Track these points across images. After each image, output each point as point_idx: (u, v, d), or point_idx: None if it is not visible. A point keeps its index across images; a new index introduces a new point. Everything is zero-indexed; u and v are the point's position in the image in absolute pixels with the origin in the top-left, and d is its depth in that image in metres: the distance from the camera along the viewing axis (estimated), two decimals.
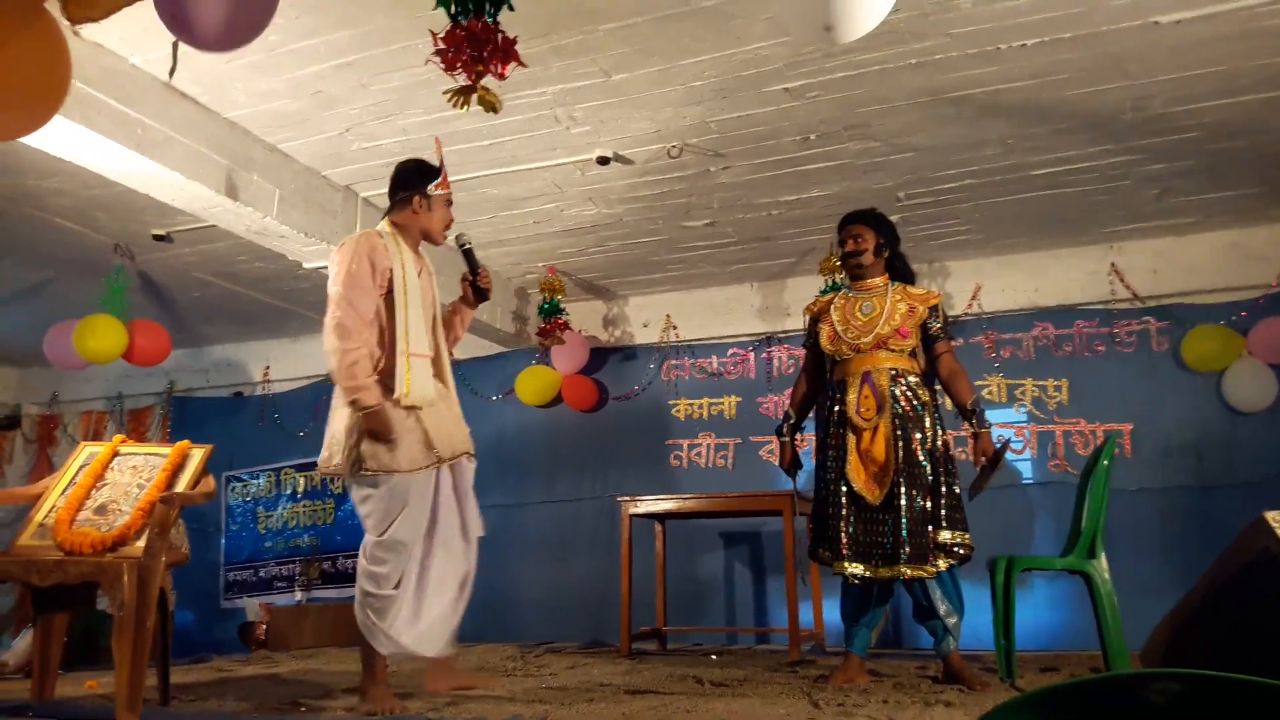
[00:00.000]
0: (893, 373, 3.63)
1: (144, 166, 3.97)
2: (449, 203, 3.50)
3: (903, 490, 3.48)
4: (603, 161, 4.63)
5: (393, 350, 3.20)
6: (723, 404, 6.45)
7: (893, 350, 3.65)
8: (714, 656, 4.94)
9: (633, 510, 5.17)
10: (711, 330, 6.59)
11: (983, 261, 6.01)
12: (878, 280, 3.79)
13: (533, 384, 6.49)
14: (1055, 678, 3.82)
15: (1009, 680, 3.54)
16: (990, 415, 5.75)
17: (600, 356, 6.74)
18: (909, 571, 3.43)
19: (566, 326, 6.24)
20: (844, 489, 3.58)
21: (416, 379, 3.19)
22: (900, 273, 3.84)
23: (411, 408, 3.19)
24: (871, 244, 3.76)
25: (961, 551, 3.52)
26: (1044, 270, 5.90)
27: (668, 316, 6.67)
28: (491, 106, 2.90)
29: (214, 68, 3.85)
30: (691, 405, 6.52)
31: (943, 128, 4.35)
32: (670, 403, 6.58)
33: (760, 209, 5.28)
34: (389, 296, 3.22)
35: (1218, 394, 5.41)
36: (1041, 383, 5.78)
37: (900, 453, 3.53)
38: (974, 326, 5.95)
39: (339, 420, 3.20)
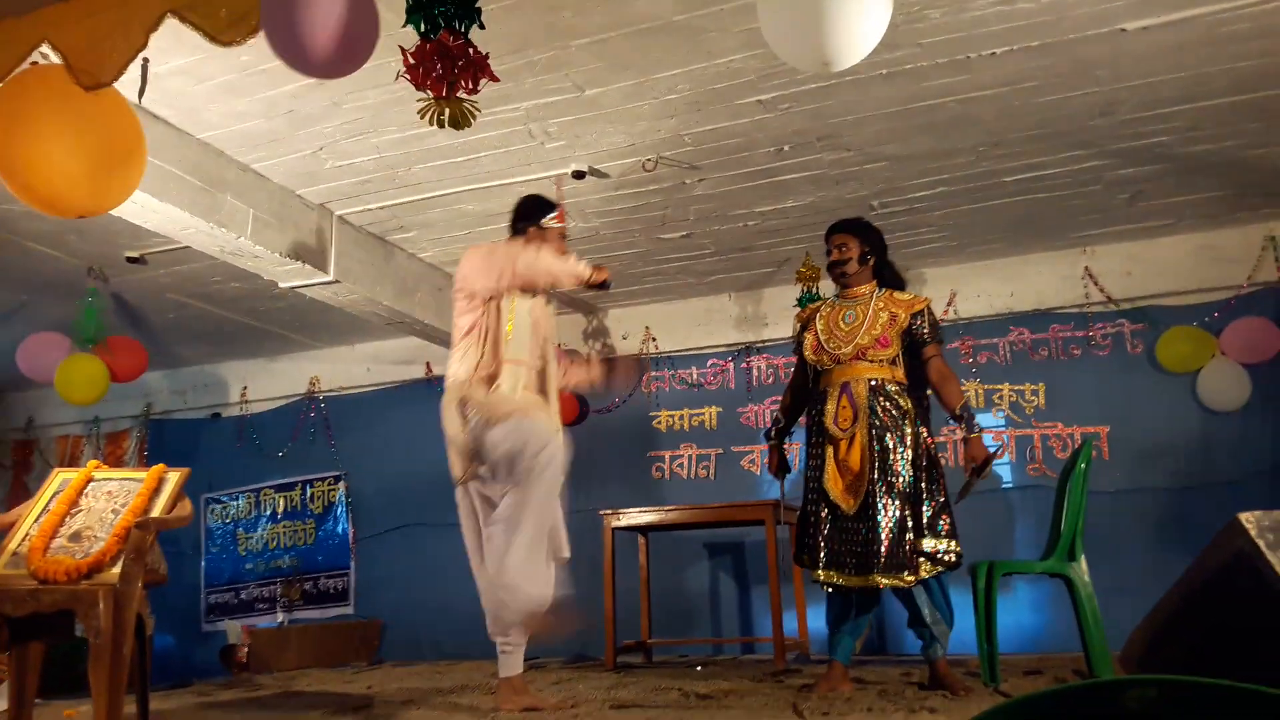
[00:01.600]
0: (872, 383, 3.64)
1: None
2: (563, 236, 3.75)
3: (879, 500, 3.49)
4: (578, 175, 4.63)
5: (496, 356, 3.48)
6: (704, 415, 6.46)
7: (872, 361, 3.66)
8: (699, 668, 4.94)
9: (615, 523, 5.16)
10: (691, 341, 6.60)
11: (958, 268, 6.05)
12: (864, 288, 3.80)
13: None
14: (1039, 681, 3.84)
15: (993, 685, 3.55)
16: None
17: None
18: (884, 581, 3.44)
19: None
20: (823, 498, 3.60)
21: (506, 381, 3.47)
22: (890, 280, 3.86)
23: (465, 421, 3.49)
24: (856, 252, 3.79)
25: (949, 559, 3.53)
26: (1019, 275, 5.94)
27: (647, 328, 6.68)
28: (461, 121, 2.87)
29: (186, 89, 3.84)
30: (672, 416, 6.52)
31: (915, 137, 4.38)
32: (651, 414, 6.59)
33: (736, 220, 5.29)
34: (498, 307, 3.50)
35: (1193, 394, 5.46)
36: (1019, 387, 5.82)
37: (876, 462, 3.54)
38: (950, 332, 5.98)
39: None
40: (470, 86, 2.80)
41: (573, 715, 3.20)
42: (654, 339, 6.64)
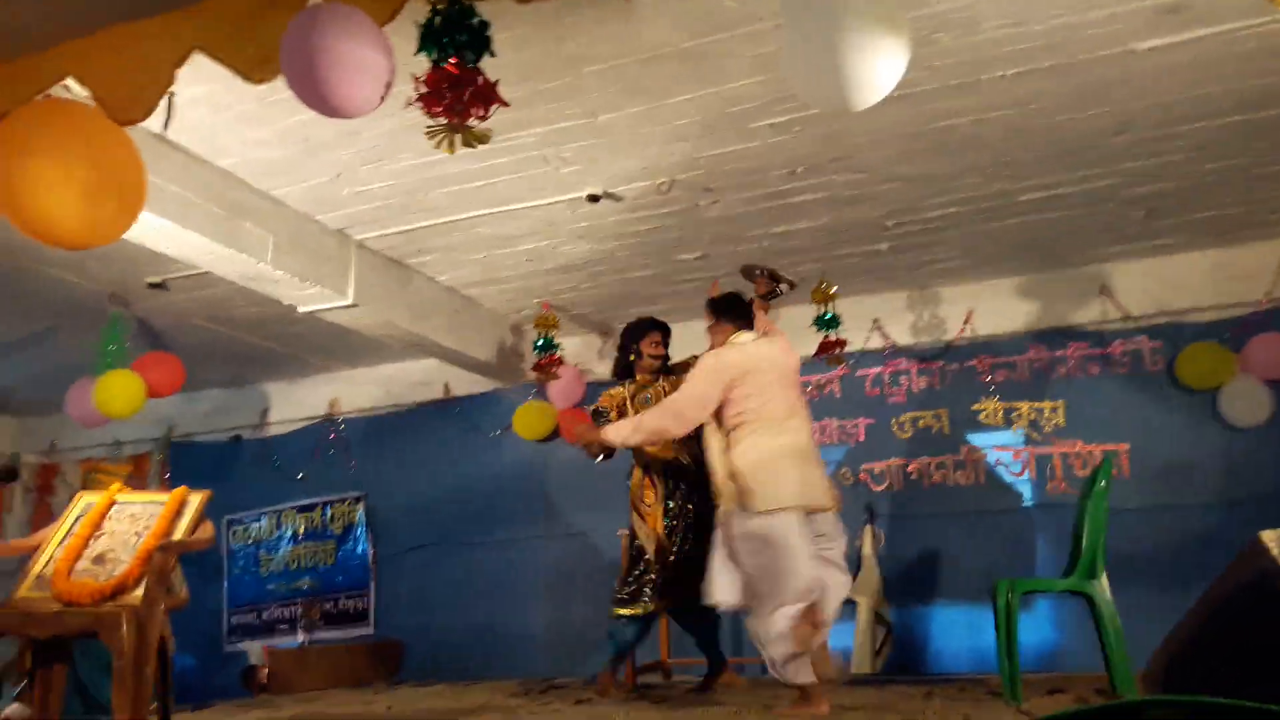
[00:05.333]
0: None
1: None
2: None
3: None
4: (593, 199, 4.67)
5: None
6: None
7: None
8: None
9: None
10: None
11: (974, 286, 6.03)
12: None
13: (529, 420, 6.50)
14: (1061, 700, 3.81)
15: (1015, 704, 3.53)
16: (987, 438, 5.82)
17: (596, 390, 6.72)
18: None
19: (561, 362, 6.25)
20: None
21: None
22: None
23: None
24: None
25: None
26: (1035, 293, 5.92)
27: None
28: (476, 141, 2.91)
29: (204, 118, 3.90)
30: None
31: (927, 158, 4.40)
32: None
33: (750, 241, 5.31)
34: None
35: (1214, 411, 5.42)
36: (1038, 405, 5.78)
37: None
38: (968, 350, 5.97)
39: None
40: (481, 114, 2.84)
41: None
42: (668, 359, 6.62)
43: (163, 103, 3.21)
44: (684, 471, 4.54)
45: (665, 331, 4.90)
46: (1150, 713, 1.26)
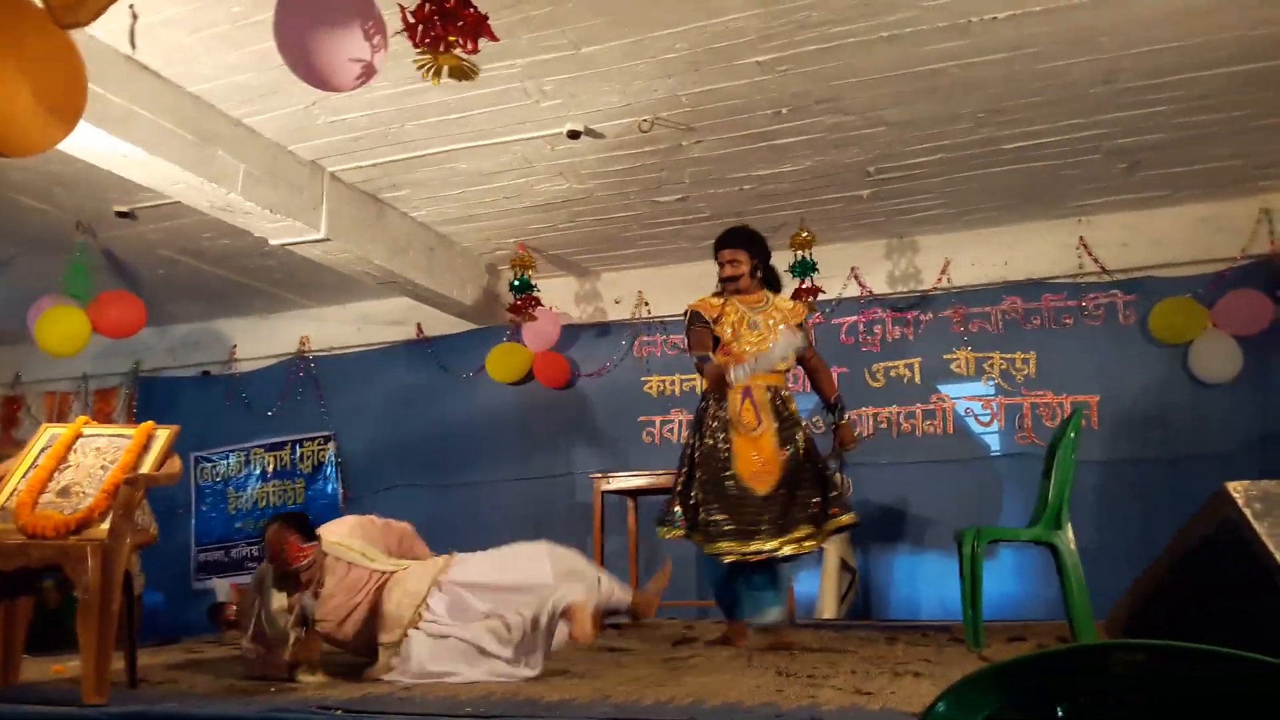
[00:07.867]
0: (769, 390, 4.01)
1: (105, 142, 3.89)
2: None
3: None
4: (573, 135, 4.58)
5: None
6: (695, 380, 6.43)
7: (769, 371, 3.98)
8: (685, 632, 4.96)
9: (605, 487, 5.17)
10: (684, 306, 6.55)
11: (952, 235, 6.02)
12: (755, 296, 4.18)
13: (504, 362, 6.45)
14: (1022, 647, 3.87)
15: (977, 650, 3.58)
16: (958, 388, 5.86)
17: (572, 333, 6.71)
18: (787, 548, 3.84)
19: (538, 303, 6.20)
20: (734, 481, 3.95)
21: None
22: (771, 283, 4.26)
23: None
24: (747, 266, 4.14)
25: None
26: (1013, 244, 5.92)
27: (640, 293, 6.64)
28: (465, 74, 2.85)
29: (178, 40, 3.77)
30: (664, 382, 6.51)
31: (915, 101, 4.35)
32: (642, 379, 6.57)
33: (732, 184, 5.26)
34: None
35: (1184, 366, 5.48)
36: (1010, 355, 5.82)
37: (786, 455, 3.95)
38: (943, 300, 5.98)
39: None
40: (469, 46, 2.76)
41: (561, 676, 3.22)
42: (646, 303, 6.61)
43: (126, 19, 3.13)
44: None
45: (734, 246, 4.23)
46: (1116, 656, 1.26)
